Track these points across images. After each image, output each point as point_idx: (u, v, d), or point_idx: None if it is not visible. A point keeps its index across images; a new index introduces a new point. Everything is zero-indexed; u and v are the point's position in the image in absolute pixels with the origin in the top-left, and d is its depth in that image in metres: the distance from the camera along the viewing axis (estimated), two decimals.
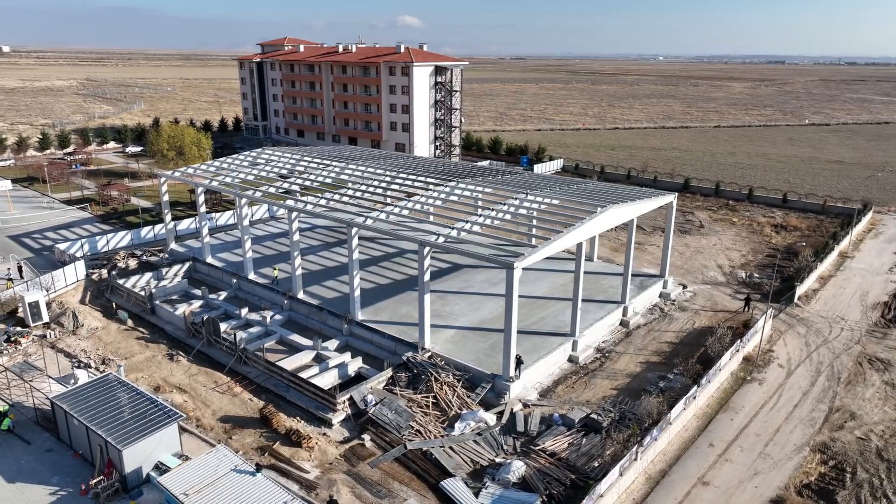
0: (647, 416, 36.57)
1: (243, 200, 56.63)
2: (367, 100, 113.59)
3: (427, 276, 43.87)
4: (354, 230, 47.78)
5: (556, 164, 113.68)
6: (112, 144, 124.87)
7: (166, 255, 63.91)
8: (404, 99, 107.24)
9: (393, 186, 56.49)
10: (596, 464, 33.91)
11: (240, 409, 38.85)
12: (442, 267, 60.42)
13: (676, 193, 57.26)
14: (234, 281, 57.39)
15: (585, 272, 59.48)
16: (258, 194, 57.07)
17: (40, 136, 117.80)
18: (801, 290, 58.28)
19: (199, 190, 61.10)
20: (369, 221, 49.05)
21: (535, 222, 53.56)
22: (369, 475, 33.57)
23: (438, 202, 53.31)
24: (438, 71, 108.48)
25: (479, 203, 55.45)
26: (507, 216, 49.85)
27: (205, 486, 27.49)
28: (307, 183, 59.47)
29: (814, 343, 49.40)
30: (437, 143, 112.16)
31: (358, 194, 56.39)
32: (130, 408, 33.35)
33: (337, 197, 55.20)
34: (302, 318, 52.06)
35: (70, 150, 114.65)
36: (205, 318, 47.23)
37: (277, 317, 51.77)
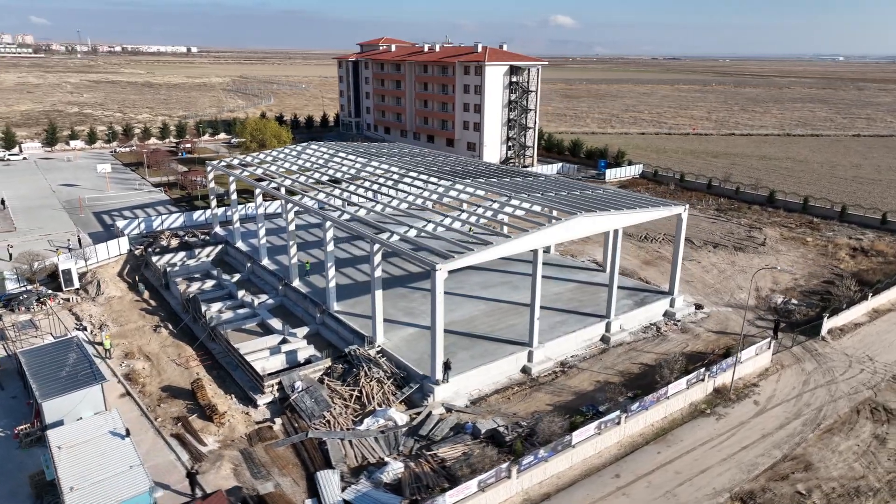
0: (547, 436, 34.67)
1: (257, 191, 60.56)
2: (443, 98, 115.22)
3: (378, 272, 44.62)
4: (328, 223, 49.57)
5: (634, 170, 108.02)
6: (222, 136, 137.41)
7: (208, 238, 69.77)
8: (476, 98, 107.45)
9: (400, 186, 57.33)
10: (478, 476, 32.80)
11: (183, 381, 42.07)
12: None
13: (687, 206, 52.79)
14: (249, 265, 61.61)
15: (591, 283, 57.21)
16: (272, 186, 60.69)
17: (161, 126, 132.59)
18: (833, 322, 51.33)
19: (231, 179, 66.10)
20: (345, 216, 50.67)
21: (504, 227, 51.86)
22: (260, 456, 35.11)
23: (429, 202, 53.61)
24: (514, 71, 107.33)
25: (464, 204, 54.57)
26: (482, 220, 49.13)
27: (79, 443, 30.54)
28: (324, 178, 62.17)
29: (815, 382, 43.56)
30: (510, 144, 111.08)
31: (360, 191, 58.08)
32: (71, 367, 37.53)
33: (337, 192, 57.39)
34: (291, 304, 54.81)
35: (177, 139, 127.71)
36: (191, 295, 51.43)
37: (270, 301, 54.96)
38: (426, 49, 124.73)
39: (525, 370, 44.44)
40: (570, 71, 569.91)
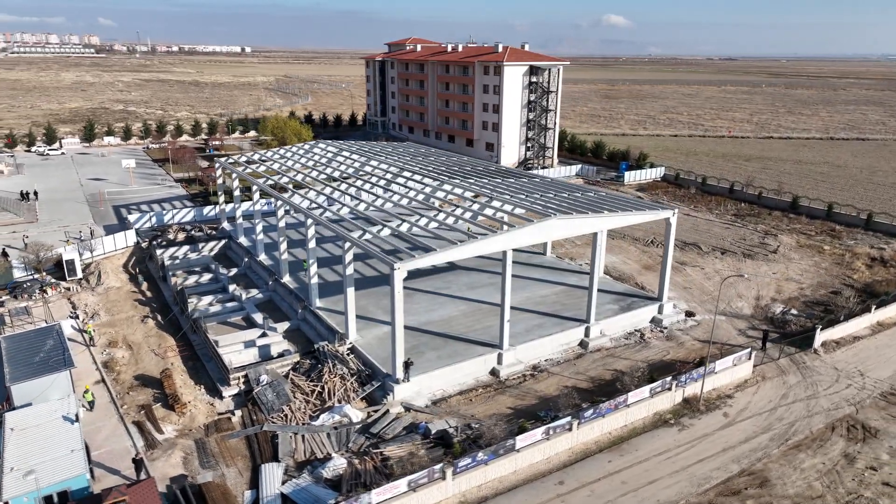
0: (489, 440, 34.36)
1: (254, 188, 61.85)
2: (463, 98, 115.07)
3: (350, 270, 45.09)
4: (310, 221, 50.25)
5: (656, 172, 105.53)
6: (252, 133, 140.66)
7: (214, 232, 71.61)
8: (495, 98, 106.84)
9: (392, 186, 57.63)
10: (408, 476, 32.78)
11: (158, 371, 43.32)
12: (440, 266, 60.48)
13: (676, 210, 51.32)
14: (246, 259, 63.03)
15: (581, 287, 56.30)
16: (269, 183, 61.84)
17: (192, 124, 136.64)
18: (827, 334, 49.12)
19: (234, 176, 67.70)
20: (328, 215, 51.32)
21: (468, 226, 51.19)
22: (212, 447, 35.93)
23: (414, 202, 53.71)
24: (533, 71, 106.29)
25: (444, 205, 54.25)
26: (461, 221, 48.97)
27: (30, 426, 31.91)
28: (322, 176, 63.00)
29: (794, 396, 41.81)
30: (530, 145, 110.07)
31: (352, 190, 58.59)
32: (45, 354, 39.18)
33: (328, 191, 58.07)
34: (279, 299, 55.80)
35: (207, 137, 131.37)
36: (178, 288, 52.93)
37: (259, 295, 56.08)
38: (449, 49, 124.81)
39: (494, 372, 44.09)
40: (616, 71, 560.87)
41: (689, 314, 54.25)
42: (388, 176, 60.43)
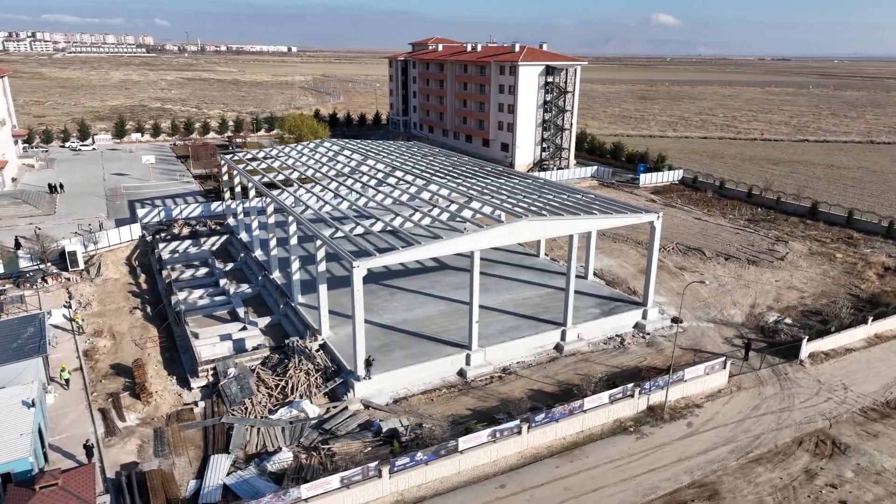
0: (430, 440, 34.29)
1: (250, 184, 63.05)
2: (480, 98, 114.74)
3: (323, 267, 45.58)
4: (291, 218, 51.00)
5: (673, 175, 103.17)
6: (276, 131, 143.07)
7: (218, 227, 73.31)
8: (510, 98, 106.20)
9: (382, 186, 58.00)
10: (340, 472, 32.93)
11: (132, 360, 44.60)
12: (429, 266, 60.62)
13: (660, 213, 50.14)
14: (242, 255, 64.35)
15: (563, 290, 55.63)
16: (264, 181, 62.97)
17: (219, 122, 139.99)
18: (815, 346, 47.25)
19: (234, 173, 69.15)
20: (308, 213, 51.96)
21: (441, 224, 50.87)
22: (169, 436, 36.81)
23: (395, 200, 53.90)
24: (549, 71, 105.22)
25: (424, 205, 54.28)
26: (437, 221, 48.93)
27: None
28: (317, 174, 63.79)
29: (767, 408, 40.40)
30: (545, 146, 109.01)
31: (342, 190, 59.15)
32: (23, 341, 40.79)
33: (318, 189, 58.80)
34: (266, 294, 56.77)
35: (231, 134, 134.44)
36: (167, 281, 54.36)
37: (248, 290, 57.17)
38: (468, 49, 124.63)
39: (461, 373, 43.93)
40: (659, 72, 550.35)
41: (676, 320, 52.86)
42: (380, 175, 60.81)
